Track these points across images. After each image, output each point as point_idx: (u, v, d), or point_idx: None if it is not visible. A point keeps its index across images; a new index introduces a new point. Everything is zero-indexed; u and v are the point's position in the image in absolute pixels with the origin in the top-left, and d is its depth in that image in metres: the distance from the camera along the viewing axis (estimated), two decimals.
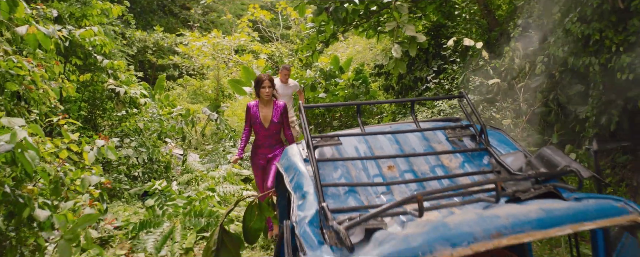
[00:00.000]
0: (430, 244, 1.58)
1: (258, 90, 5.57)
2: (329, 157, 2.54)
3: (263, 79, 5.52)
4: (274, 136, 5.68)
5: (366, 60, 14.09)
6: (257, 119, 5.58)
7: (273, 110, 5.59)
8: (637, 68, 4.71)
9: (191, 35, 15.35)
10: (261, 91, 5.51)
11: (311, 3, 10.00)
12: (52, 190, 3.46)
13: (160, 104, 8.93)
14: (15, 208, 3.13)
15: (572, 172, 2.13)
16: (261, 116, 5.58)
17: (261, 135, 5.64)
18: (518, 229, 1.62)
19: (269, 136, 5.64)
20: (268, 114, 5.59)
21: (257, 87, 5.57)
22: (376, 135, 2.77)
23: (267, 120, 5.58)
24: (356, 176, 2.47)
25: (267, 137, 5.65)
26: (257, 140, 5.72)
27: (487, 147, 2.58)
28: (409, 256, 1.56)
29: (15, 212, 3.21)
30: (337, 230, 1.82)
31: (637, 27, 4.73)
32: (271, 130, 5.61)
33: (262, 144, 5.68)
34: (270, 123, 5.58)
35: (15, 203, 3.09)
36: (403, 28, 8.27)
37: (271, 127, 5.60)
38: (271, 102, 5.61)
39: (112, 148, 3.65)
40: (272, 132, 5.64)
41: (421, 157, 2.59)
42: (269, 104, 5.60)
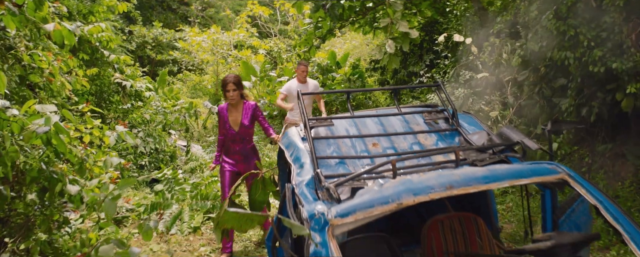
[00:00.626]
0: (398, 194, 2.10)
1: (224, 93, 5.37)
2: (323, 135, 3.04)
3: (227, 82, 5.28)
4: (245, 140, 5.45)
5: (363, 55, 14.58)
6: (226, 123, 5.36)
7: (243, 112, 5.38)
8: (608, 61, 5.22)
9: (191, 30, 15.84)
10: (227, 95, 5.30)
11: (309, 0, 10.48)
12: (78, 169, 3.97)
13: (163, 98, 9.43)
14: (49, 183, 3.64)
15: (519, 143, 2.65)
16: (230, 120, 5.37)
17: (231, 139, 5.39)
18: (466, 183, 2.13)
19: (240, 139, 5.41)
20: (237, 117, 5.37)
21: (223, 90, 5.36)
22: (363, 118, 3.29)
23: (236, 124, 5.36)
24: (346, 151, 2.97)
25: (237, 142, 5.40)
26: (228, 143, 5.45)
27: (457, 127, 3.10)
28: (382, 202, 2.07)
29: (48, 188, 3.72)
30: (328, 188, 2.33)
31: (608, 23, 5.24)
32: (242, 133, 5.38)
33: (233, 149, 5.43)
34: (240, 126, 5.35)
35: (50, 179, 3.59)
36: (397, 24, 8.77)
37: (242, 130, 5.36)
38: (240, 104, 5.38)
39: (130, 133, 4.15)
40: (242, 135, 5.40)
41: (401, 136, 3.10)
42: (238, 106, 5.38)
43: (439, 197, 2.08)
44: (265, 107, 11.03)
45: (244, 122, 5.34)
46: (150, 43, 18.61)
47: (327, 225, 2.04)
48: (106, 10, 8.73)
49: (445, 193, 2.08)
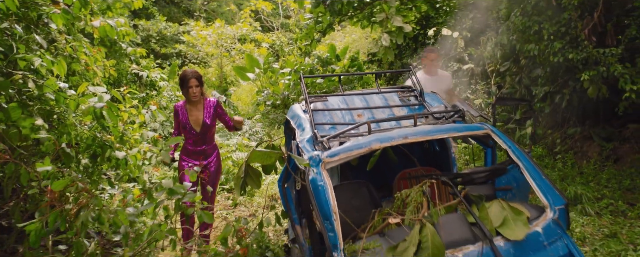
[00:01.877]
0: (369, 142, 3.14)
1: (184, 90, 5.13)
2: (319, 108, 4.08)
3: (189, 78, 5.06)
4: (207, 139, 5.28)
5: (362, 48, 15.59)
6: (186, 124, 5.15)
7: (204, 111, 5.19)
8: (566, 52, 6.25)
9: (196, 24, 16.88)
10: (189, 91, 5.07)
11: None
12: (120, 140, 5.01)
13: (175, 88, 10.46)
14: (101, 150, 4.69)
15: (461, 110, 3.68)
16: (191, 120, 5.17)
17: (192, 140, 5.21)
18: (416, 134, 3.17)
19: (202, 140, 5.25)
20: (199, 117, 5.20)
21: (182, 87, 5.12)
22: (352, 96, 4.33)
23: (198, 124, 5.18)
24: (337, 120, 4.01)
25: (198, 142, 5.23)
26: (187, 145, 5.25)
27: (423, 102, 4.14)
28: (358, 147, 3.11)
29: (98, 154, 4.77)
30: (322, 141, 3.37)
31: (566, 19, 6.26)
32: (204, 133, 5.22)
33: (193, 150, 5.25)
34: (203, 126, 5.18)
35: (102, 145, 4.64)
36: (391, 19, 9.78)
37: (204, 130, 5.20)
38: (201, 102, 5.20)
39: (161, 111, 5.19)
40: (204, 136, 5.24)
41: (380, 109, 4.14)
42: (199, 104, 5.20)
43: (398, 144, 3.12)
44: (268, 96, 12.05)
45: (206, 121, 5.16)
46: (154, 36, 19.61)
47: (321, 162, 3.08)
48: (123, 7, 9.75)
49: (402, 141, 3.12)
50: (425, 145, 4.69)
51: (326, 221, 2.79)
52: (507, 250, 2.65)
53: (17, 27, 4.57)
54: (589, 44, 6.07)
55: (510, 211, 2.80)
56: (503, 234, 2.71)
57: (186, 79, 5.05)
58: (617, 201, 5.87)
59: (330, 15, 11.40)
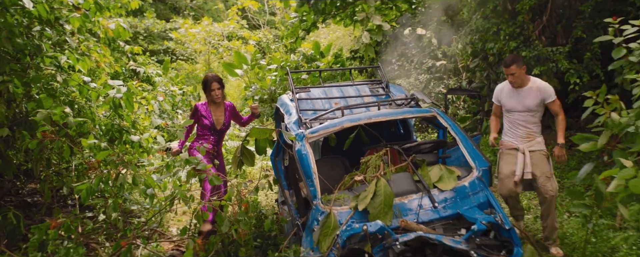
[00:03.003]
0: (341, 122, 4.19)
1: (207, 92, 5.57)
2: (303, 97, 5.12)
3: (212, 81, 5.49)
4: (221, 139, 5.75)
5: (345, 45, 16.63)
6: (209, 123, 5.56)
7: (225, 112, 5.69)
8: (520, 50, 7.34)
9: (185, 22, 17.82)
10: (212, 94, 5.50)
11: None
12: (131, 126, 6.02)
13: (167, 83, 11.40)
14: (119, 134, 5.69)
15: (416, 98, 4.74)
16: (214, 120, 5.58)
17: (208, 139, 5.61)
18: (378, 116, 4.22)
19: (218, 139, 5.70)
20: (220, 118, 5.64)
21: (205, 89, 5.57)
22: (330, 87, 5.38)
23: (219, 123, 5.63)
24: (318, 107, 5.05)
25: (214, 141, 5.66)
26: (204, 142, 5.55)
27: (388, 92, 5.20)
28: (333, 126, 4.16)
29: (116, 137, 5.76)
30: (305, 122, 4.41)
31: (520, 21, 7.36)
32: (221, 132, 5.69)
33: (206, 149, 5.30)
34: (222, 125, 5.64)
35: (120, 130, 5.65)
36: (371, 18, 10.82)
37: (222, 129, 5.66)
38: (222, 104, 5.65)
39: (167, 101, 6.19)
40: (221, 135, 5.71)
41: (353, 98, 5.19)
42: (221, 106, 5.65)
43: (364, 124, 4.17)
44: (256, 91, 13.03)
45: (226, 121, 5.66)
46: (142, 33, 20.47)
47: (304, 137, 4.12)
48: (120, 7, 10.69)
49: (367, 121, 4.18)
50: (391, 129, 5.76)
51: (308, 179, 3.84)
52: (441, 197, 3.72)
53: (48, 30, 5.55)
54: (539, 43, 7.18)
55: (446, 171, 3.88)
56: (438, 186, 3.79)
57: (209, 81, 5.50)
58: (563, 179, 6.96)
59: (314, 14, 12.39)
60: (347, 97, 5.18)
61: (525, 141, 4.71)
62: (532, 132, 4.73)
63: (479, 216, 3.56)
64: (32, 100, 5.53)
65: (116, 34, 6.23)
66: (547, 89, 4.77)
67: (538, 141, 4.77)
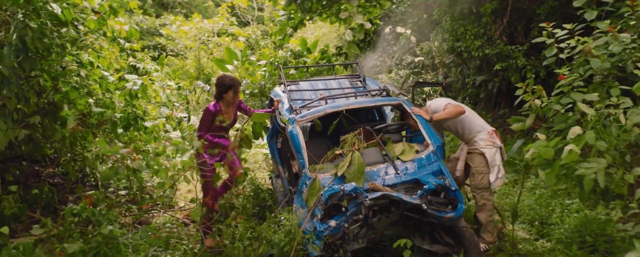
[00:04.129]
0: (324, 108, 5.34)
1: (230, 93, 5.91)
2: (293, 89, 6.24)
3: (237, 85, 5.90)
4: (229, 130, 6.14)
5: (331, 41, 17.75)
6: (221, 122, 5.81)
7: (234, 109, 6.09)
8: (484, 49, 8.52)
9: (176, 19, 18.86)
10: (229, 96, 5.89)
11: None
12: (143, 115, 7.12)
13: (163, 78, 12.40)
14: (133, 121, 6.79)
15: (387, 89, 5.88)
16: (226, 116, 5.91)
17: (221, 133, 5.92)
18: (355, 104, 5.38)
19: (226, 131, 6.07)
20: (231, 114, 6.05)
21: (226, 90, 5.88)
22: (316, 81, 6.51)
23: (230, 118, 6.03)
24: (306, 97, 6.18)
25: (223, 133, 5.96)
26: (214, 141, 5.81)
27: (365, 85, 6.34)
28: (319, 111, 5.31)
29: (131, 124, 6.86)
30: (296, 109, 5.55)
31: (484, 23, 8.53)
32: (230, 125, 6.07)
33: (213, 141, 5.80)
34: (232, 121, 6.08)
35: (135, 117, 6.74)
36: (354, 17, 11.94)
37: (231, 123, 6.08)
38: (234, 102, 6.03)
39: (173, 94, 7.28)
40: (229, 127, 6.09)
41: (335, 89, 6.32)
42: (231, 105, 6.03)
43: (343, 110, 5.30)
44: (247, 86, 14.09)
45: (235, 116, 6.12)
46: None
47: (295, 120, 5.25)
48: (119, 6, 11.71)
49: (346, 107, 5.33)
50: (368, 116, 6.91)
51: (299, 153, 4.98)
52: (402, 166, 4.88)
53: (72, 32, 6.61)
54: (500, 42, 8.36)
55: (408, 147, 5.04)
56: (401, 158, 4.95)
57: (235, 86, 5.92)
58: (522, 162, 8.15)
59: (302, 12, 13.47)
60: (330, 89, 6.32)
61: (464, 142, 5.67)
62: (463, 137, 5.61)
63: (432, 180, 4.73)
64: (58, 93, 6.61)
65: (129, 34, 7.31)
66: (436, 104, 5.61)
67: (476, 141, 5.47)
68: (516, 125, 4.87)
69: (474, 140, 5.49)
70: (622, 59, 4.89)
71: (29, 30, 5.83)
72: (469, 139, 5.53)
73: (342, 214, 4.57)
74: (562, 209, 5.85)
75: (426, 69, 11.63)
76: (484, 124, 5.59)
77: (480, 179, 5.39)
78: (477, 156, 5.43)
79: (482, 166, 5.37)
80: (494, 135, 5.45)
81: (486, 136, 5.43)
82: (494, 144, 5.39)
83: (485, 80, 9.80)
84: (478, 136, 5.46)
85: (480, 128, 5.48)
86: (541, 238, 5.65)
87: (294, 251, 4.42)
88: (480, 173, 5.40)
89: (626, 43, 4.98)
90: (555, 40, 5.37)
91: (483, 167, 5.36)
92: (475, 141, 5.48)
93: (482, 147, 5.40)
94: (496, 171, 5.30)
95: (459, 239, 4.86)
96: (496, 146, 5.41)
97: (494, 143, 5.39)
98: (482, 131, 5.46)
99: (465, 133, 5.52)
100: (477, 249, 4.82)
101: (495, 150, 5.38)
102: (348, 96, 5.88)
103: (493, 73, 9.62)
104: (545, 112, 4.86)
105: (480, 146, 5.41)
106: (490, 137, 5.38)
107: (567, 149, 4.05)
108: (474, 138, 5.49)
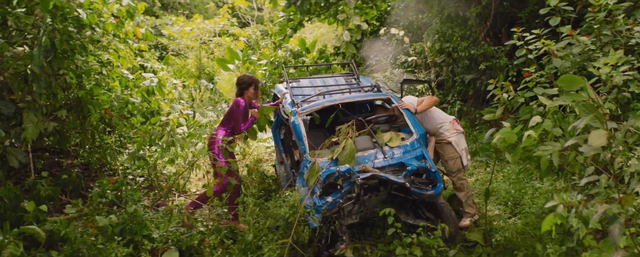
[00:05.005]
0: (322, 102, 6.25)
1: (251, 90, 6.70)
2: (295, 86, 7.13)
3: (256, 82, 6.72)
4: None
5: (329, 41, 18.63)
6: (247, 116, 6.66)
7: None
8: (470, 50, 9.42)
9: (178, 19, 19.72)
10: (252, 94, 6.72)
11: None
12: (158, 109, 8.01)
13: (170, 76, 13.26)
14: (151, 115, 7.67)
15: (378, 86, 6.77)
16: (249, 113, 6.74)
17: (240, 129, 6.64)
18: (349, 98, 6.28)
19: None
20: (249, 111, 6.82)
21: (247, 88, 6.69)
22: (315, 78, 7.40)
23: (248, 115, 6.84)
24: (306, 92, 7.06)
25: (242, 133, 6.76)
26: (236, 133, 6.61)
27: (358, 82, 7.23)
28: (316, 105, 6.21)
29: (148, 118, 7.75)
30: (298, 103, 6.44)
31: (470, 25, 9.43)
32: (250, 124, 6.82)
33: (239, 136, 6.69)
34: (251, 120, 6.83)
35: (152, 111, 7.63)
36: (351, 18, 12.82)
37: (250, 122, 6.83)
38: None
39: (185, 90, 8.14)
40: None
41: (332, 86, 7.21)
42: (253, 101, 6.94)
43: (339, 104, 6.19)
44: None
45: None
46: None
47: (296, 113, 6.14)
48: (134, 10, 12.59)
49: (341, 101, 6.23)
50: (361, 110, 7.80)
51: (300, 141, 5.87)
52: (389, 152, 5.78)
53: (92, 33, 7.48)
54: (485, 43, 9.26)
55: (395, 135, 5.94)
56: (388, 144, 5.84)
57: (254, 84, 6.74)
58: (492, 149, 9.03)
59: (301, 14, 14.34)
60: (327, 85, 7.21)
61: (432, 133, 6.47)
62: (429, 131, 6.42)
63: (414, 163, 5.62)
64: (82, 89, 7.49)
65: (144, 36, 8.19)
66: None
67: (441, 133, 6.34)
68: (487, 116, 5.74)
69: (440, 131, 6.41)
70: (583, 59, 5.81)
71: (57, 33, 6.69)
72: (434, 131, 6.45)
73: (338, 191, 5.48)
74: (533, 192, 6.74)
75: (419, 68, 12.52)
76: (445, 116, 6.55)
77: (453, 164, 6.31)
78: (446, 145, 6.35)
79: (452, 152, 6.31)
80: (455, 123, 6.43)
81: (449, 126, 6.40)
82: (457, 131, 6.34)
83: (474, 79, 10.69)
84: (443, 127, 6.40)
85: (443, 120, 6.44)
86: (514, 217, 6.54)
87: (297, 223, 5.31)
88: (452, 158, 6.32)
89: (585, 45, 5.90)
90: (524, 43, 6.28)
91: (453, 153, 6.30)
92: (441, 132, 6.40)
93: (448, 137, 6.33)
94: (465, 154, 6.22)
95: (439, 214, 5.77)
96: (459, 131, 6.35)
97: (457, 130, 6.34)
98: (445, 122, 6.42)
99: (431, 126, 6.46)
100: (454, 222, 5.73)
101: (459, 135, 6.32)
102: (343, 92, 6.77)
103: (480, 72, 10.53)
104: (513, 105, 5.76)
105: (446, 136, 6.34)
106: (452, 126, 6.35)
107: (526, 134, 4.94)
108: (439, 130, 6.43)
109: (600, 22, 6.16)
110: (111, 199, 6.36)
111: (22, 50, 6.85)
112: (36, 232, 5.15)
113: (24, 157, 6.70)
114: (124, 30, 9.36)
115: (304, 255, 5.36)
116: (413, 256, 5.09)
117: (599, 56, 5.84)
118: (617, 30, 6.17)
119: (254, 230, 5.57)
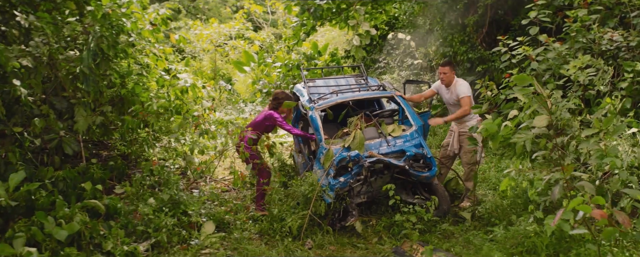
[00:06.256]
0: (335, 99, 7.52)
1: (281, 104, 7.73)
2: (311, 86, 8.38)
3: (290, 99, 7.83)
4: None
5: (340, 45, 19.85)
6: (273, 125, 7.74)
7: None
8: (468, 53, 10.62)
9: (194, 23, 21.06)
10: (287, 111, 8.05)
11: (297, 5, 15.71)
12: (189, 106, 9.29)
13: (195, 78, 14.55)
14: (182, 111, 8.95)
15: (383, 85, 8.01)
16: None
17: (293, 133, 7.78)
18: (359, 95, 7.54)
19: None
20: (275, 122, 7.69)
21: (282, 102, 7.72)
22: (329, 79, 8.66)
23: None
24: (321, 91, 8.31)
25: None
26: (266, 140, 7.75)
27: (367, 82, 8.47)
28: (331, 101, 7.47)
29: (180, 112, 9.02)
30: (314, 100, 7.68)
31: (468, 32, 10.64)
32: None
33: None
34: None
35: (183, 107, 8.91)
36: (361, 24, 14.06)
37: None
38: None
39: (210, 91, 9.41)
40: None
41: (344, 86, 8.45)
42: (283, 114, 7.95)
43: (349, 100, 7.45)
44: (264, 86, 16.25)
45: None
46: None
47: (314, 108, 7.39)
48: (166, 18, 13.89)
49: (351, 98, 7.49)
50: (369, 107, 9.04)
51: (317, 131, 7.12)
52: (392, 141, 7.02)
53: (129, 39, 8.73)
54: (481, 48, 10.48)
55: (397, 126, 7.19)
56: (391, 135, 7.09)
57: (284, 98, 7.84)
58: None
59: (313, 19, 15.59)
60: (340, 85, 8.46)
61: (457, 123, 7.65)
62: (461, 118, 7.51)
63: (413, 150, 6.87)
64: (124, 88, 8.78)
65: (178, 42, 9.47)
66: (459, 89, 7.39)
67: (467, 125, 7.43)
68: (475, 111, 6.96)
69: (466, 124, 7.44)
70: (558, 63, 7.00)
71: (104, 39, 7.95)
72: (462, 121, 7.47)
73: (348, 173, 6.75)
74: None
75: (424, 70, 13.73)
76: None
77: (470, 157, 7.48)
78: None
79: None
80: (481, 120, 7.53)
81: (475, 123, 7.43)
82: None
83: (473, 80, 11.89)
84: (470, 121, 7.45)
85: (472, 115, 7.45)
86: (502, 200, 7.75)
87: (314, 199, 6.56)
88: (470, 152, 7.43)
89: (559, 51, 7.11)
90: (509, 49, 7.50)
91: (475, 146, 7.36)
92: (467, 124, 7.41)
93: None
94: (480, 150, 7.33)
95: (434, 193, 7.01)
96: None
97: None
98: (473, 118, 7.47)
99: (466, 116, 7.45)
100: (447, 200, 6.98)
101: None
102: (353, 91, 8.00)
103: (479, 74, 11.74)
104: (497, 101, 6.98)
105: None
106: (477, 123, 7.46)
107: (504, 124, 6.15)
108: (466, 122, 7.47)
109: (574, 30, 7.36)
110: (152, 183, 7.62)
111: (73, 54, 8.07)
112: (97, 206, 6.38)
113: (76, 145, 7.96)
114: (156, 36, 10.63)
115: (321, 223, 6.63)
116: (409, 221, 6.34)
117: (572, 60, 7.05)
118: (591, 38, 7.39)
119: (279, 205, 6.84)
